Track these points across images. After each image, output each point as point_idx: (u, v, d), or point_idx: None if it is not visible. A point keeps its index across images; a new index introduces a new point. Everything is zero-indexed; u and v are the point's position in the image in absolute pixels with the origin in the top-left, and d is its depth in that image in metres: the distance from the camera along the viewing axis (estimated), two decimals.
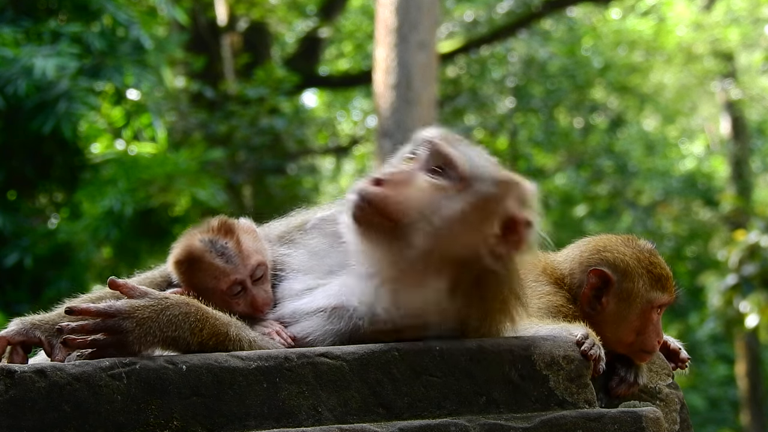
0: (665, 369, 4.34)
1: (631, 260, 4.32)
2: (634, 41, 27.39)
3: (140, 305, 3.64)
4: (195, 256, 4.00)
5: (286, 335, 3.91)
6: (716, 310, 18.37)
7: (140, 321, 3.61)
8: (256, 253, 4.07)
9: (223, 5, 22.77)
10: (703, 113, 30.70)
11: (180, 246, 4.05)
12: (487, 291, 3.92)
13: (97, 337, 3.61)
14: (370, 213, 3.81)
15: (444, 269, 3.85)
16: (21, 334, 3.86)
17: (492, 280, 3.91)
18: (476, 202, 3.87)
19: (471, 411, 3.82)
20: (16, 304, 13.28)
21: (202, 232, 4.07)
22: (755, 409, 25.21)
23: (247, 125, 20.00)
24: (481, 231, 3.86)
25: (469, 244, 3.86)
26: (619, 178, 28.08)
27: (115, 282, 3.72)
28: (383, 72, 16.04)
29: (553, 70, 26.69)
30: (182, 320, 3.67)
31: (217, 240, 4.03)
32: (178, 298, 3.72)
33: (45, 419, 3.48)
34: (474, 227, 3.86)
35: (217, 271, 3.98)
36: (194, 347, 3.69)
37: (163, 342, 3.66)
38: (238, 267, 4.01)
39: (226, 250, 4.01)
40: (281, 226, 4.34)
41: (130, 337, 3.60)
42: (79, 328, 3.61)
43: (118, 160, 14.75)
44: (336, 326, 3.88)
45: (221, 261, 4.00)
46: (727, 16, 26.61)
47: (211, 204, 14.90)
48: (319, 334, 3.90)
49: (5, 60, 13.04)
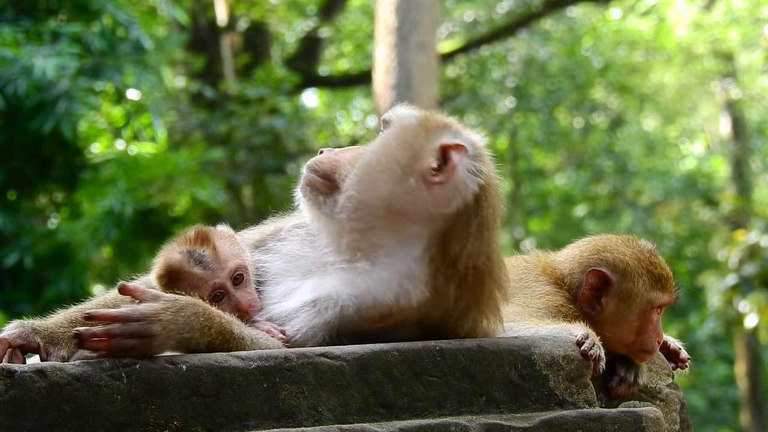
0: (665, 369, 4.34)
1: (631, 260, 4.32)
2: (634, 41, 27.39)
3: (161, 308, 3.64)
4: (174, 268, 4.01)
5: (278, 331, 3.92)
6: (716, 310, 18.37)
7: (164, 324, 3.62)
8: (234, 257, 4.08)
9: (223, 5, 22.76)
10: (703, 113, 30.69)
11: (160, 260, 4.06)
12: (465, 272, 3.91)
13: (122, 341, 3.58)
14: (313, 179, 4.00)
15: (398, 225, 3.89)
16: (21, 337, 3.84)
17: (466, 257, 3.91)
18: (398, 135, 3.96)
19: (471, 411, 3.82)
20: (16, 304, 13.28)
21: (180, 243, 4.08)
22: (755, 409, 25.21)
23: (247, 125, 19.99)
24: (412, 166, 3.90)
25: (405, 185, 3.88)
26: (619, 178, 28.08)
27: (127, 287, 3.72)
28: (383, 72, 16.04)
29: (553, 70, 26.70)
30: (194, 320, 3.68)
31: (195, 250, 4.04)
32: (186, 299, 3.73)
33: (45, 419, 3.48)
34: (403, 163, 3.91)
35: (196, 279, 3.98)
36: (203, 347, 3.70)
37: (179, 343, 3.67)
38: (216, 272, 4.02)
39: (203, 258, 4.03)
40: (255, 234, 4.35)
41: (156, 341, 3.61)
42: (103, 333, 3.58)
43: (118, 160, 14.74)
44: (323, 318, 3.88)
45: (199, 269, 4.00)
46: (727, 16, 26.60)
47: (211, 204, 14.90)
48: (307, 329, 3.89)
49: (5, 60, 13.04)
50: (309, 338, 3.89)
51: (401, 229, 3.92)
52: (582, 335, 3.98)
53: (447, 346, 3.87)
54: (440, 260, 3.91)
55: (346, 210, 3.94)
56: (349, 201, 3.94)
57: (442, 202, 3.89)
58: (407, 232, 3.92)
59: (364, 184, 3.95)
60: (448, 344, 3.89)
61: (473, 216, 3.93)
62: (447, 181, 3.89)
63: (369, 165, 3.97)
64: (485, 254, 3.95)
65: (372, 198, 3.93)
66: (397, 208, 3.91)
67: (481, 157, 3.99)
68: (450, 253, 3.91)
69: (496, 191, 4.00)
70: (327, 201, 3.99)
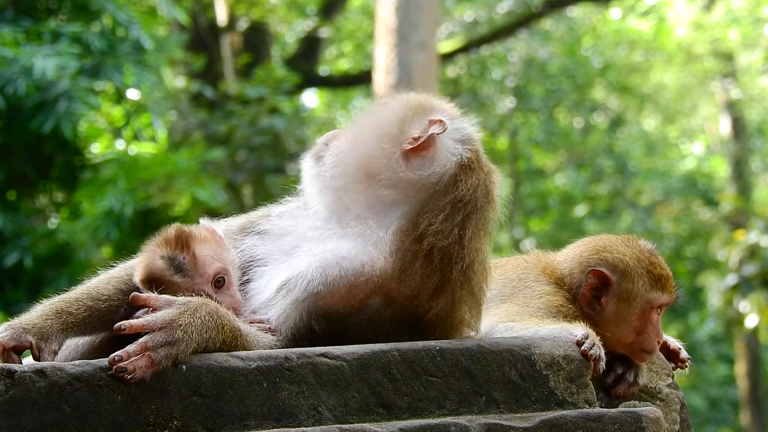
0: (665, 369, 4.34)
1: (631, 260, 4.31)
2: (634, 41, 27.39)
3: (177, 312, 3.64)
4: (156, 276, 4.01)
5: (258, 320, 3.93)
6: (716, 310, 18.36)
7: (184, 328, 3.61)
8: (214, 261, 4.07)
9: (223, 5, 22.76)
10: (703, 113, 30.68)
11: (142, 265, 4.05)
12: (430, 249, 3.92)
13: (154, 353, 3.56)
14: (316, 145, 4.24)
15: (371, 189, 4.00)
16: (14, 339, 3.82)
17: (433, 234, 3.93)
18: (388, 106, 4.16)
19: (471, 411, 3.82)
20: (16, 304, 13.26)
21: (161, 245, 4.07)
22: (755, 409, 25.20)
23: (247, 125, 19.98)
24: (392, 133, 4.04)
25: (381, 148, 4.02)
26: (619, 178, 28.08)
27: (139, 298, 3.72)
28: (383, 72, 16.03)
29: (553, 70, 26.69)
30: (209, 320, 3.68)
31: (175, 256, 4.03)
32: (198, 300, 3.73)
33: (45, 419, 3.48)
34: (385, 130, 4.05)
35: (176, 287, 3.97)
36: (218, 346, 3.70)
37: (199, 345, 3.66)
38: (195, 279, 4.01)
39: (183, 266, 4.02)
40: (242, 219, 4.37)
41: (182, 346, 3.60)
42: (140, 349, 3.56)
43: (118, 160, 14.73)
44: (293, 296, 3.90)
45: (179, 277, 4.00)
46: (727, 16, 26.58)
47: (211, 204, 14.89)
48: (280, 313, 3.91)
49: (5, 60, 13.03)
50: (282, 322, 3.90)
51: (374, 194, 4.00)
52: (582, 335, 3.98)
53: (447, 346, 3.87)
54: (408, 232, 3.94)
55: (327, 166, 4.09)
56: (330, 158, 4.10)
57: (414, 169, 3.96)
58: (380, 197, 3.99)
59: (347, 145, 4.11)
60: (448, 344, 3.89)
61: (447, 193, 3.96)
62: (422, 150, 3.98)
63: (356, 129, 4.16)
64: (456, 237, 3.95)
65: (350, 157, 4.07)
66: (371, 169, 4.01)
67: (466, 140, 4.05)
68: (419, 227, 3.94)
69: (483, 180, 4.03)
70: (318, 162, 4.16)
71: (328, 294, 3.89)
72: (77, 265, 13.99)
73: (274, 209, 4.33)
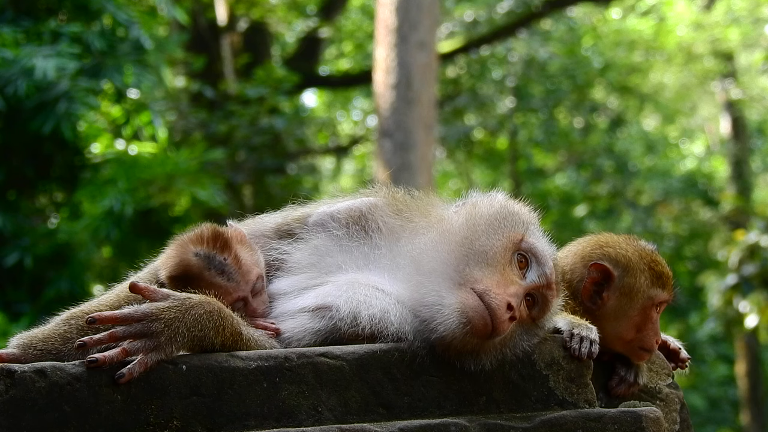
0: (665, 369, 4.34)
1: (633, 256, 4.33)
2: (634, 41, 27.38)
3: (165, 306, 3.61)
4: (193, 273, 3.93)
5: (265, 326, 3.90)
6: (716, 310, 18.35)
7: (168, 322, 3.59)
8: (254, 267, 4.01)
9: (223, 5, 22.76)
10: (703, 113, 30.69)
11: (173, 260, 3.96)
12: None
13: (129, 344, 3.55)
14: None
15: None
16: (23, 355, 3.81)
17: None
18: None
19: (471, 411, 3.82)
20: (16, 304, 13.27)
21: (194, 242, 3.96)
22: (755, 409, 25.20)
23: (247, 125, 19.99)
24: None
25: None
26: (619, 178, 28.06)
27: (137, 286, 3.68)
28: (383, 72, 16.03)
29: (553, 70, 26.67)
30: (206, 319, 3.65)
31: (214, 255, 3.94)
32: (200, 298, 3.70)
33: (45, 419, 3.48)
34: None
35: (219, 289, 3.88)
36: (217, 346, 3.69)
37: (191, 342, 3.63)
38: (240, 285, 3.96)
39: (225, 267, 3.95)
40: (278, 218, 4.31)
41: (162, 338, 3.57)
42: (108, 338, 3.56)
43: (118, 159, 14.72)
44: (316, 325, 3.88)
45: (223, 280, 3.93)
46: (727, 16, 26.59)
47: (211, 204, 14.89)
48: (298, 331, 3.89)
49: (5, 60, 13.03)
50: (298, 340, 3.88)
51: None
52: (567, 331, 4.00)
53: None
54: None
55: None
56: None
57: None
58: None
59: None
60: None
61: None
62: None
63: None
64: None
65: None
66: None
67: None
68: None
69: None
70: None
71: (357, 338, 3.89)
72: (77, 265, 13.99)
73: (309, 210, 4.27)
